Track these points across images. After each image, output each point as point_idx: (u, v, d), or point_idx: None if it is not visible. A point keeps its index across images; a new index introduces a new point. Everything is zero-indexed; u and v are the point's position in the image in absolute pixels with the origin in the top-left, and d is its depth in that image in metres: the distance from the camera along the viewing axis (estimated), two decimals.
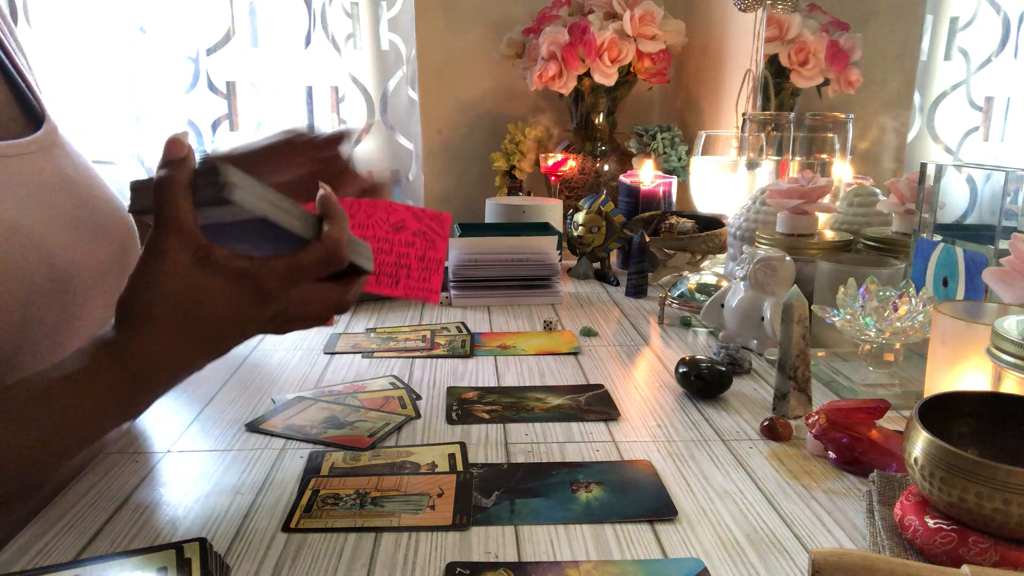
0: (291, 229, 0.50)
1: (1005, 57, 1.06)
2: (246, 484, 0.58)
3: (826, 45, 1.30)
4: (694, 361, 0.75)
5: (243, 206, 0.47)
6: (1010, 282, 0.66)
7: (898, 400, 0.72)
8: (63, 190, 0.64)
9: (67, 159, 0.67)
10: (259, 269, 0.50)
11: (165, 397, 0.76)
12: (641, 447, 0.64)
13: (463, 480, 0.58)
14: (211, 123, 1.60)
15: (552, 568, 0.47)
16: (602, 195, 1.23)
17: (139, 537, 0.51)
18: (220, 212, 0.49)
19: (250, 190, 0.48)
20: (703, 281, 1.02)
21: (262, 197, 0.48)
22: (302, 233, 0.51)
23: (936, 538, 0.46)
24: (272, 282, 0.50)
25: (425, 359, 0.87)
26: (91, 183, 0.68)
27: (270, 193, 0.49)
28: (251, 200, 0.48)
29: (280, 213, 0.50)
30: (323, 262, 0.52)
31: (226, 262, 0.49)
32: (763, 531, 0.52)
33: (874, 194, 1.05)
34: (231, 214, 0.49)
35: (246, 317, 0.51)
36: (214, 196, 0.47)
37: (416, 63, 1.67)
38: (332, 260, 0.52)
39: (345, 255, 0.53)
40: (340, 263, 0.53)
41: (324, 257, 0.52)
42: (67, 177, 0.65)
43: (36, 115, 0.67)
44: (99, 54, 1.51)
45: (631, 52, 1.48)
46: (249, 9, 1.58)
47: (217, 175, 0.47)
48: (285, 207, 0.50)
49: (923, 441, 0.46)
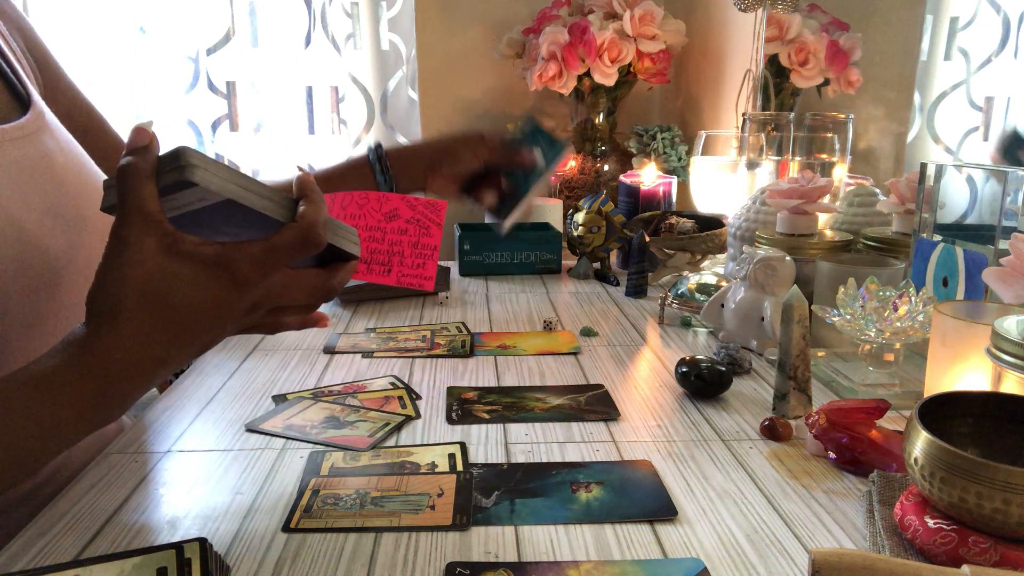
0: (262, 211, 0.48)
1: (1005, 57, 1.06)
2: (246, 484, 0.58)
3: (826, 45, 1.30)
4: (694, 361, 0.75)
5: (207, 187, 0.46)
6: (1010, 282, 0.66)
7: (898, 400, 0.72)
8: (49, 176, 0.62)
9: (56, 145, 0.65)
10: (232, 254, 0.48)
11: (165, 397, 0.76)
12: (641, 447, 0.64)
13: (463, 480, 0.58)
14: (211, 123, 1.60)
15: (552, 568, 0.47)
16: (602, 195, 1.23)
17: (139, 537, 0.51)
18: (187, 197, 0.47)
19: (215, 171, 0.46)
20: (703, 281, 1.02)
21: (229, 179, 0.47)
22: (275, 215, 0.49)
23: (936, 538, 0.46)
24: (246, 266, 0.48)
25: (425, 359, 0.87)
26: (81, 170, 0.66)
27: (240, 177, 0.48)
28: (216, 181, 0.46)
29: (249, 195, 0.48)
30: (299, 242, 0.49)
31: (196, 249, 0.47)
32: (763, 531, 0.52)
33: (874, 194, 1.05)
34: (197, 197, 0.47)
35: (222, 305, 0.49)
36: (177, 180, 0.45)
37: (416, 63, 1.67)
38: (308, 240, 0.49)
39: (322, 235, 0.50)
40: (317, 244, 0.50)
41: (299, 237, 0.49)
42: (55, 163, 0.63)
43: (23, 101, 0.66)
44: (99, 54, 1.51)
45: (631, 52, 1.48)
46: (249, 9, 1.58)
47: (179, 159, 0.45)
48: (255, 189, 0.48)
49: (923, 441, 0.46)
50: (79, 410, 0.48)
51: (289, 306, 0.54)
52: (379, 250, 0.85)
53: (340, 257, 0.55)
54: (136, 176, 0.46)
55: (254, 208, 0.48)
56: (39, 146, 0.63)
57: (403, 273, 0.85)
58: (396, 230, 0.86)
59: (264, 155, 1.65)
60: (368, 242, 0.85)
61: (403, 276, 0.85)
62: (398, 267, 0.85)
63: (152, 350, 0.48)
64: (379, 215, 0.86)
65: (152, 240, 0.46)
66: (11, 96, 0.66)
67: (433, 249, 0.87)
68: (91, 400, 0.48)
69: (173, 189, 0.47)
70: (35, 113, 0.65)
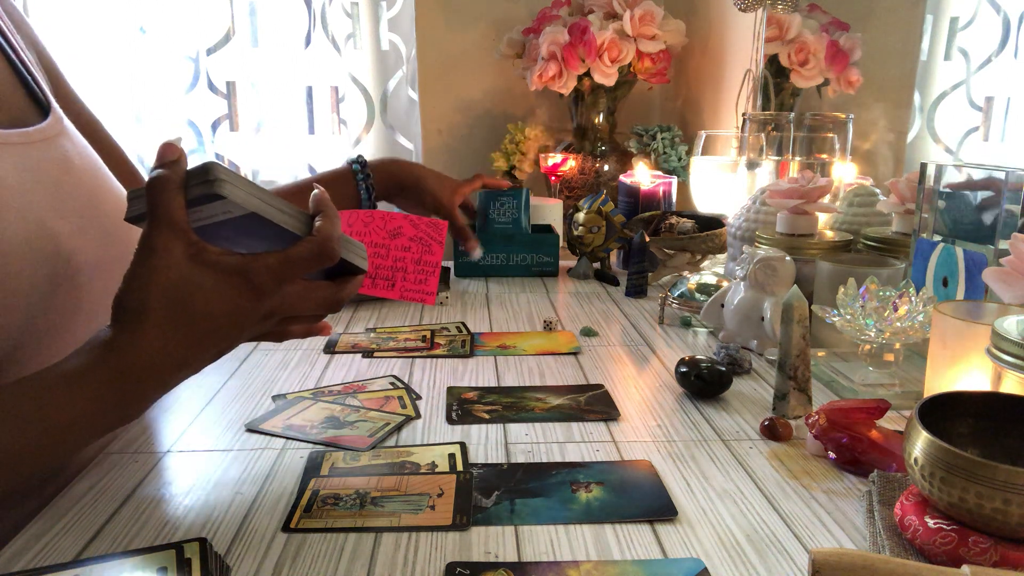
0: (283, 224, 0.51)
1: (1005, 57, 1.06)
2: (246, 484, 0.58)
3: (826, 45, 1.30)
4: (694, 361, 0.75)
5: (234, 200, 0.48)
6: (1010, 282, 0.66)
7: (898, 400, 0.72)
8: (69, 179, 0.64)
9: (74, 149, 0.67)
10: (251, 264, 0.50)
11: (165, 397, 0.76)
12: (641, 447, 0.64)
13: (463, 480, 0.58)
14: (211, 123, 1.60)
15: (552, 568, 0.47)
16: (602, 195, 1.23)
17: (139, 537, 0.51)
18: (212, 209, 0.49)
19: (240, 186, 0.49)
20: (703, 281, 1.02)
21: (252, 194, 0.50)
22: (294, 229, 0.52)
23: (936, 538, 0.46)
24: (265, 276, 0.50)
25: (425, 359, 0.87)
26: (97, 174, 0.68)
27: (261, 191, 0.50)
28: (241, 195, 0.49)
29: (271, 209, 0.51)
30: (315, 255, 0.52)
31: (218, 258, 0.50)
32: (763, 531, 0.52)
33: (874, 194, 1.05)
34: (223, 210, 0.49)
35: (241, 313, 0.51)
36: (205, 193, 0.48)
37: (416, 63, 1.67)
38: (324, 254, 0.52)
39: (336, 249, 0.53)
40: (332, 257, 0.53)
41: (316, 251, 0.52)
42: (73, 166, 0.65)
43: (43, 106, 0.67)
44: (99, 54, 1.51)
45: (631, 52, 1.48)
46: (249, 9, 1.58)
47: (208, 173, 0.48)
48: (276, 204, 0.51)
49: (923, 441, 0.46)
50: (100, 408, 0.49)
51: (299, 316, 0.57)
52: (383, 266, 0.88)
53: (348, 271, 0.58)
54: (166, 187, 0.49)
55: (274, 221, 0.51)
56: (60, 150, 0.64)
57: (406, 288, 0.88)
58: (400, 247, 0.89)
59: (264, 155, 1.65)
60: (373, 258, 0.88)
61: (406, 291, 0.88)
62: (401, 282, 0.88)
63: (173, 353, 0.50)
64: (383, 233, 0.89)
65: (179, 248, 0.49)
66: (31, 100, 0.67)
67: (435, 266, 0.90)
68: (112, 399, 0.49)
69: (200, 201, 0.49)
70: (55, 117, 0.66)
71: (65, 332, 0.60)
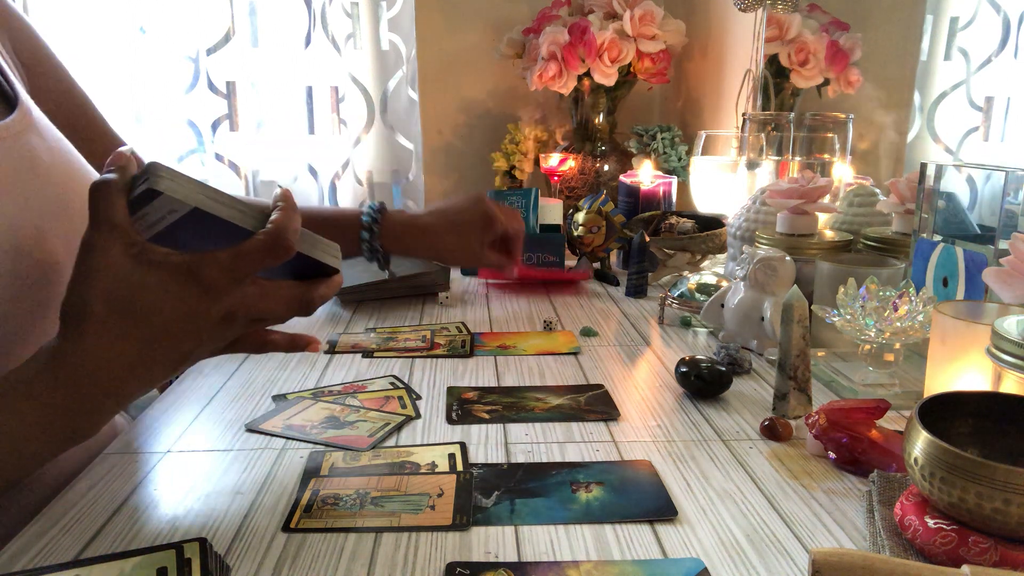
0: (230, 219, 0.49)
1: (1005, 57, 1.06)
2: (246, 484, 0.58)
3: (826, 45, 1.30)
4: (694, 361, 0.75)
5: (173, 196, 0.47)
6: (1010, 282, 0.66)
7: (898, 400, 0.72)
8: (34, 178, 0.62)
9: (43, 145, 0.64)
10: (199, 261, 0.48)
11: (164, 397, 0.76)
12: (641, 447, 0.64)
13: (463, 480, 0.58)
14: (211, 123, 1.60)
15: (552, 568, 0.47)
16: (602, 195, 1.23)
17: (139, 537, 0.51)
18: (159, 211, 0.48)
19: (180, 182, 0.48)
20: (703, 281, 1.02)
21: (195, 190, 0.48)
22: (245, 225, 0.50)
23: (936, 538, 0.46)
24: (215, 273, 0.48)
25: (425, 359, 0.87)
26: (69, 169, 0.66)
27: (207, 189, 0.49)
28: (181, 191, 0.48)
29: (216, 204, 0.49)
30: (267, 248, 0.49)
31: (164, 257, 0.48)
32: (763, 531, 0.52)
33: (874, 194, 1.05)
34: (167, 209, 0.48)
35: (193, 313, 0.49)
36: (145, 190, 0.47)
37: (416, 63, 1.67)
38: (277, 246, 0.49)
39: (290, 240, 0.49)
40: (286, 251, 0.49)
41: (268, 243, 0.49)
42: (40, 163, 0.63)
43: (9, 100, 0.65)
44: (99, 54, 1.51)
45: (631, 52, 1.48)
46: (249, 9, 1.58)
47: (146, 171, 0.48)
48: (223, 200, 0.49)
49: (923, 441, 0.46)
50: (49, 418, 0.48)
51: (266, 318, 0.54)
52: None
53: (322, 273, 0.55)
54: (107, 189, 0.48)
55: (221, 217, 0.49)
56: (26, 147, 0.62)
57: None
58: None
59: (264, 155, 1.65)
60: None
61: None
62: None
63: (120, 356, 0.48)
64: None
65: (117, 247, 0.47)
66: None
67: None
68: (60, 410, 0.48)
69: (144, 201, 0.48)
70: (21, 112, 0.64)
71: (30, 335, 0.58)
